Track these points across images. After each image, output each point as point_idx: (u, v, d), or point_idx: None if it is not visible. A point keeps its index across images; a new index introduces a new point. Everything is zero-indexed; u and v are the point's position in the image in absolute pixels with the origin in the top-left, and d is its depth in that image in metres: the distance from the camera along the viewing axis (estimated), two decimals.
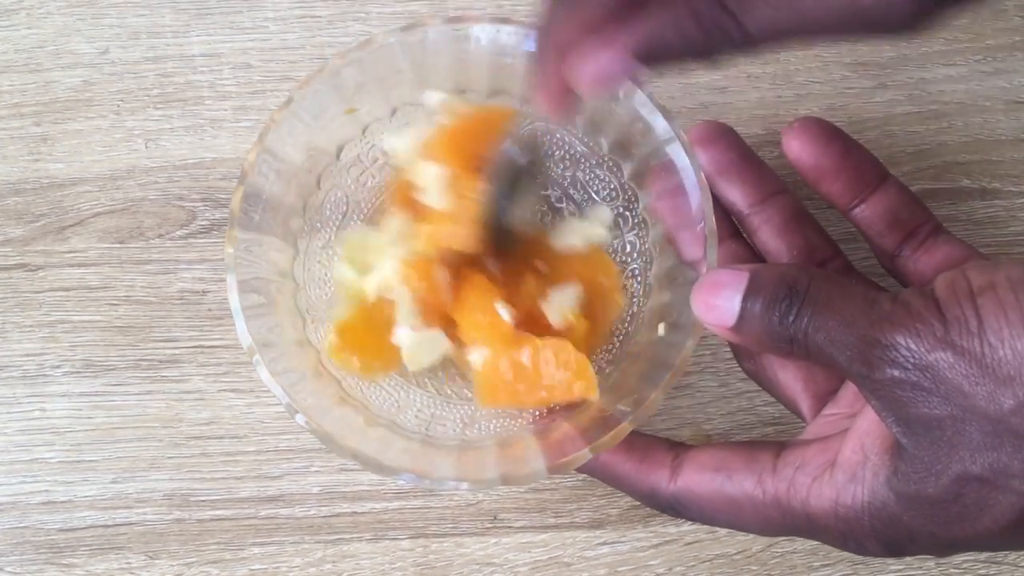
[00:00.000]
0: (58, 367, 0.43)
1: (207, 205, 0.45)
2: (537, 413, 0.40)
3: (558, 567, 0.41)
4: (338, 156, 0.41)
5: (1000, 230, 0.44)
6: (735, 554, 0.41)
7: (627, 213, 0.42)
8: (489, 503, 0.42)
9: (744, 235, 0.40)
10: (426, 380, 0.41)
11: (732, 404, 0.43)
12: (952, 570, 0.41)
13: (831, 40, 0.26)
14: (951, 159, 0.45)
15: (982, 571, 0.41)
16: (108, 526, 0.41)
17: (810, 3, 0.24)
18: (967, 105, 0.46)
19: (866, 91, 0.46)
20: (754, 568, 0.41)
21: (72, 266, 0.44)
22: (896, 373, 0.29)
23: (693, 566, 0.41)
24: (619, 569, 0.41)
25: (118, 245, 0.44)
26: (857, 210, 0.38)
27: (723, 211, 0.39)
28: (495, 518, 0.42)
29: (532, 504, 0.42)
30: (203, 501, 0.42)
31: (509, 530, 0.42)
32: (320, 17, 0.47)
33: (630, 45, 0.27)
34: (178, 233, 0.44)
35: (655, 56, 0.27)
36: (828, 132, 0.38)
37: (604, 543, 0.42)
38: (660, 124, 0.37)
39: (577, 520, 0.42)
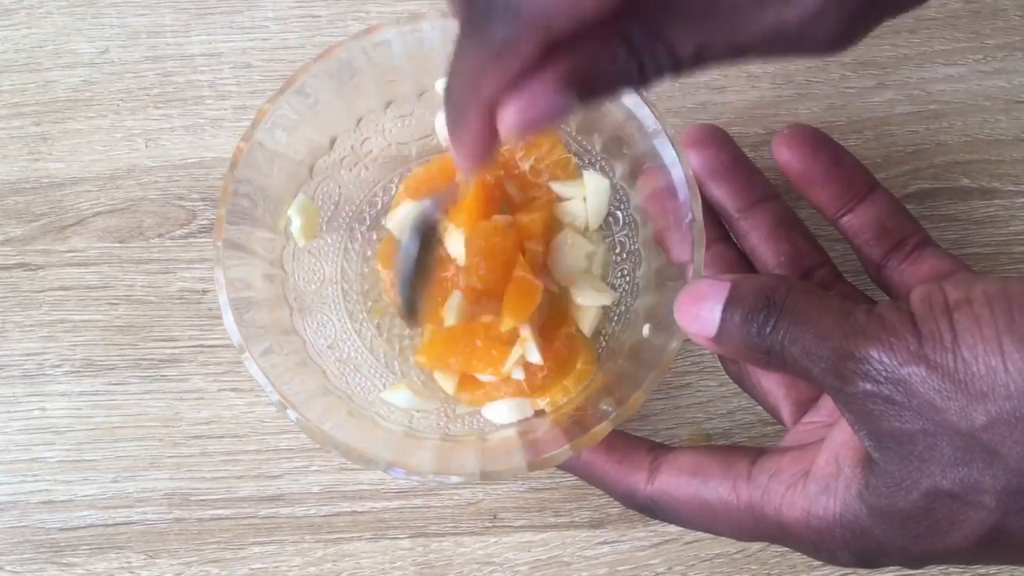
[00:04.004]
0: (58, 366, 0.43)
1: (207, 205, 0.45)
2: None
3: (558, 566, 0.41)
4: (331, 147, 0.41)
5: (1000, 230, 0.44)
6: (735, 553, 0.41)
7: (618, 213, 0.42)
8: (489, 502, 0.42)
9: (733, 239, 0.40)
10: (411, 373, 0.41)
11: (732, 404, 0.43)
12: (952, 569, 0.41)
13: (758, 61, 0.26)
14: (951, 159, 0.45)
15: (981, 571, 0.41)
16: (108, 525, 0.41)
17: (738, 27, 0.24)
18: (967, 105, 0.46)
19: (866, 91, 0.46)
20: (754, 567, 0.41)
21: (72, 266, 0.44)
22: (868, 386, 0.29)
23: (693, 565, 0.41)
24: (619, 568, 0.41)
25: (118, 245, 0.44)
26: (845, 219, 0.38)
27: (712, 214, 0.39)
28: (495, 517, 0.42)
29: (532, 503, 0.42)
30: (203, 500, 0.42)
31: (509, 529, 0.42)
32: (320, 17, 0.47)
33: (565, 79, 0.25)
34: (178, 233, 0.44)
35: (591, 88, 0.26)
36: (818, 140, 0.38)
37: (604, 542, 0.42)
38: (651, 124, 0.37)
39: (577, 519, 0.42)
